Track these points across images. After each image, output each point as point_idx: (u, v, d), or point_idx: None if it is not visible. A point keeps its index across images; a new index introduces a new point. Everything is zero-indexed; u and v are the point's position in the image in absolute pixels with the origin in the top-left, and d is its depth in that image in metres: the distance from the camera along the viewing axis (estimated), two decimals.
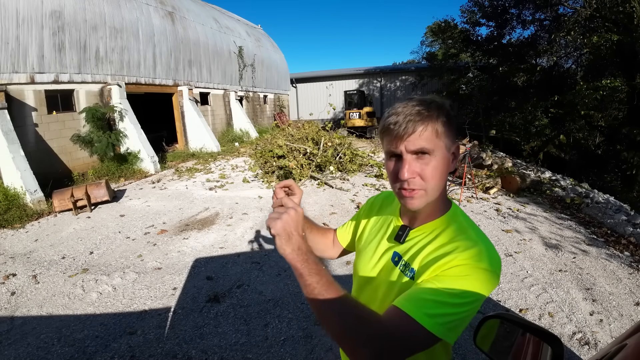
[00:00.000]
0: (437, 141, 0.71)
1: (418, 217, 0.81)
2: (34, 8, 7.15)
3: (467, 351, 2.31)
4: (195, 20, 12.57)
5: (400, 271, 0.78)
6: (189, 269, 3.63)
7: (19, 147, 6.24)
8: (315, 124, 9.70)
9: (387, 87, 21.85)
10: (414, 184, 0.72)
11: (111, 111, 8.52)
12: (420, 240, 0.78)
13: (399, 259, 0.80)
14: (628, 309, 2.79)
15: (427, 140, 0.70)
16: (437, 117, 0.71)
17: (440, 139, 0.72)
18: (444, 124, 0.72)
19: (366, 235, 0.96)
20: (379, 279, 0.84)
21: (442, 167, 0.73)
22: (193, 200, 6.25)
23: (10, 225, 5.14)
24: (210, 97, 13.34)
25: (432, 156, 0.71)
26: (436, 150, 0.71)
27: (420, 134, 0.70)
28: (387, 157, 0.77)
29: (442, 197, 0.79)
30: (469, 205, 5.59)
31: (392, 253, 0.83)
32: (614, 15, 9.71)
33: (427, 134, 0.70)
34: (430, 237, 0.77)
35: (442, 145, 0.72)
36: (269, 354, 2.38)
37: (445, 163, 0.74)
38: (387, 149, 0.75)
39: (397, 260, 0.80)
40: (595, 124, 12.93)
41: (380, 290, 0.83)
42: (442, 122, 0.72)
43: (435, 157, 0.72)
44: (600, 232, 4.42)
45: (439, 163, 0.72)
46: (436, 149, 0.71)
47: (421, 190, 0.73)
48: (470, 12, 14.56)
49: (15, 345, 2.52)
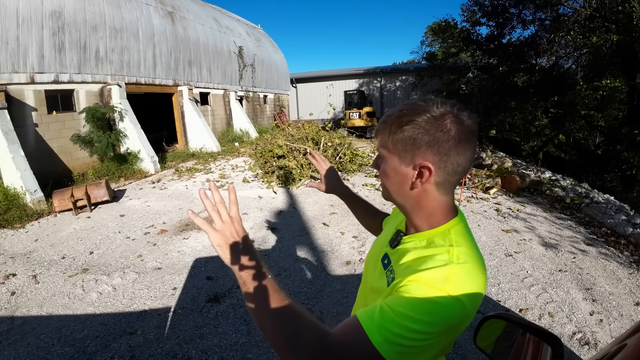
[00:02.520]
0: (390, 150, 0.72)
1: (411, 225, 0.78)
2: (34, 8, 7.15)
3: (467, 351, 2.31)
4: (195, 20, 12.57)
5: (386, 276, 0.76)
6: (189, 269, 3.63)
7: (19, 147, 6.24)
8: (315, 124, 9.69)
9: (387, 87, 21.85)
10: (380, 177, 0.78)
11: (111, 111, 8.52)
12: (408, 249, 0.74)
13: (388, 263, 0.79)
14: (628, 309, 2.79)
15: (381, 145, 0.75)
16: (400, 125, 0.68)
17: (393, 149, 0.71)
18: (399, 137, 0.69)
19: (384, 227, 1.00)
20: (369, 278, 0.87)
21: (392, 175, 0.73)
22: (193, 200, 6.26)
23: (10, 225, 5.14)
24: (210, 97, 13.34)
25: (385, 161, 0.75)
26: (388, 158, 0.73)
27: (380, 139, 0.75)
28: None
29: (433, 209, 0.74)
30: (468, 205, 5.59)
31: (383, 254, 0.83)
32: (614, 15, 9.72)
33: (382, 140, 0.74)
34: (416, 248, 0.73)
35: (395, 156, 0.71)
36: (269, 354, 2.38)
37: (398, 173, 0.71)
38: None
39: (387, 263, 0.79)
40: (595, 124, 12.94)
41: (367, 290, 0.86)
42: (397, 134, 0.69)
43: (387, 163, 0.74)
44: (600, 232, 4.42)
45: (388, 170, 0.74)
46: (388, 157, 0.73)
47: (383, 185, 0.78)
48: (471, 11, 14.56)
49: (15, 345, 2.52)
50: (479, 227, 4.63)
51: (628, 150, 10.54)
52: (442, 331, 0.60)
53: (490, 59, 15.24)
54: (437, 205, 0.74)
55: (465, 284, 0.61)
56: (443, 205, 0.74)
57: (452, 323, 0.60)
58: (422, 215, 0.75)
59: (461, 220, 0.76)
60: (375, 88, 21.98)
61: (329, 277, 3.39)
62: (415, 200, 0.74)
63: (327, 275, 3.44)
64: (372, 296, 0.79)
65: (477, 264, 0.67)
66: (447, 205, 0.75)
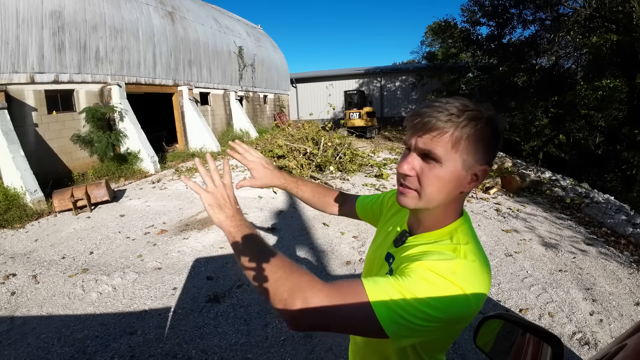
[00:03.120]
0: (451, 152, 0.63)
1: (420, 226, 0.75)
2: (34, 8, 7.15)
3: (467, 351, 2.31)
4: (195, 20, 12.56)
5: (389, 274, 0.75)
6: (189, 269, 3.63)
7: (19, 147, 6.24)
8: (315, 124, 9.70)
9: (387, 87, 21.85)
10: (410, 183, 0.67)
11: (111, 111, 8.52)
12: (413, 247, 0.72)
13: (393, 260, 0.78)
14: (628, 309, 2.79)
15: (438, 145, 0.63)
16: (466, 126, 0.62)
17: (457, 151, 0.63)
18: (471, 137, 0.63)
19: (380, 226, 0.95)
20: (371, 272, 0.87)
21: (448, 181, 0.65)
22: (193, 200, 6.26)
23: (10, 225, 5.14)
24: (210, 97, 13.34)
25: (440, 164, 0.64)
26: (447, 161, 0.64)
27: (435, 137, 0.63)
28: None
29: (449, 211, 0.71)
30: (469, 205, 5.59)
31: (385, 253, 0.82)
32: (614, 15, 9.72)
33: (442, 139, 0.63)
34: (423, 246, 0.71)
35: (458, 159, 0.64)
36: (269, 354, 2.38)
37: (454, 179, 0.65)
38: (404, 139, 0.69)
39: (391, 261, 0.78)
40: (595, 124, 12.94)
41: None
42: (470, 134, 0.63)
43: (443, 167, 0.64)
44: (600, 232, 4.42)
45: (445, 175, 0.64)
46: (447, 160, 0.64)
47: (414, 192, 0.67)
48: (471, 12, 14.56)
49: (15, 345, 2.52)
50: (479, 227, 4.63)
51: (628, 150, 10.54)
52: (444, 319, 0.58)
53: (490, 59, 15.23)
54: (458, 206, 0.72)
55: (471, 280, 0.60)
56: (459, 206, 0.73)
57: (455, 314, 0.59)
58: (439, 216, 0.71)
59: (467, 220, 0.74)
60: (375, 88, 21.98)
61: (329, 277, 3.39)
62: (445, 204, 0.69)
63: (327, 275, 3.44)
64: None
65: (483, 263, 0.65)
66: (461, 206, 0.74)
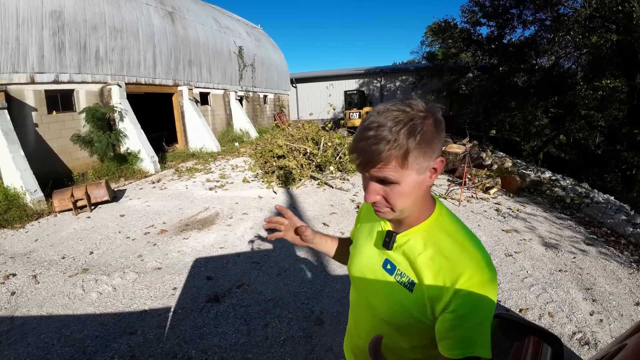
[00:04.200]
0: (403, 171, 0.66)
1: (403, 223, 0.79)
2: (34, 8, 7.15)
3: None
4: (195, 20, 12.56)
5: (397, 281, 0.77)
6: (189, 269, 3.63)
7: (19, 147, 6.24)
8: (315, 124, 9.70)
9: (387, 87, 21.85)
10: (380, 205, 0.71)
11: (111, 111, 8.52)
12: (410, 247, 0.76)
13: (393, 268, 0.79)
14: (628, 309, 2.79)
15: (390, 172, 0.66)
16: (405, 144, 0.64)
17: (408, 167, 0.66)
18: (416, 149, 0.65)
19: (358, 237, 0.96)
20: (371, 284, 0.84)
21: (411, 191, 0.69)
22: (193, 200, 6.25)
23: (10, 225, 5.14)
24: (210, 97, 13.34)
25: (398, 185, 0.68)
26: (403, 178, 0.67)
27: (383, 167, 0.65)
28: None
29: (424, 202, 0.76)
30: (469, 205, 5.59)
31: (383, 260, 0.82)
32: (614, 15, 9.71)
33: (390, 166, 0.65)
34: (419, 244, 0.75)
35: (412, 172, 0.67)
36: (269, 354, 2.38)
37: (416, 186, 0.70)
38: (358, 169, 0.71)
39: (391, 268, 0.79)
40: (595, 124, 12.93)
41: (373, 296, 0.84)
42: (413, 147, 0.65)
43: (402, 185, 0.68)
44: (600, 232, 4.42)
45: (407, 189, 0.68)
46: (403, 178, 0.67)
47: (387, 209, 0.72)
48: (471, 12, 14.55)
49: (15, 345, 2.52)
50: (479, 227, 4.62)
51: (628, 150, 10.53)
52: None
53: (490, 59, 15.23)
54: (429, 196, 0.79)
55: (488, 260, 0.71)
56: (429, 195, 0.79)
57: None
58: (419, 210, 0.76)
59: (440, 204, 0.81)
60: (375, 88, 21.97)
61: (329, 277, 3.39)
62: (420, 200, 0.74)
63: (327, 275, 3.44)
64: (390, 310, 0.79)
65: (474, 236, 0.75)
66: (430, 193, 0.79)
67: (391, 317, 0.78)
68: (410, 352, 0.81)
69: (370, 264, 0.85)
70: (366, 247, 0.89)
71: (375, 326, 0.84)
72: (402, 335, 0.80)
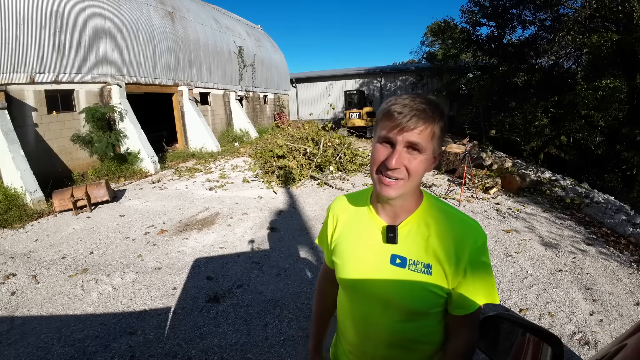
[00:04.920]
0: (430, 142, 0.75)
1: (401, 213, 0.84)
2: (34, 8, 7.15)
3: None
4: (195, 20, 12.56)
5: (412, 271, 0.80)
6: (189, 269, 3.63)
7: (19, 147, 6.24)
8: (315, 124, 9.71)
9: (387, 87, 21.84)
10: (398, 174, 0.76)
11: (111, 111, 8.52)
12: (417, 233, 0.82)
13: (403, 260, 0.81)
14: (628, 309, 2.79)
15: (423, 138, 0.74)
16: (438, 120, 0.76)
17: (432, 141, 0.76)
18: (440, 129, 0.77)
19: (344, 245, 0.92)
20: (383, 284, 0.83)
21: (426, 164, 0.77)
22: (193, 200, 6.25)
23: (10, 225, 5.14)
24: (210, 97, 13.34)
25: (421, 153, 0.75)
26: (427, 149, 0.76)
27: (421, 132, 0.74)
28: (378, 141, 0.78)
29: (418, 190, 0.85)
30: (469, 205, 5.59)
31: (389, 256, 0.83)
32: (614, 15, 9.71)
33: (425, 133, 0.74)
34: (423, 229, 0.82)
35: (432, 147, 0.77)
36: (269, 354, 2.38)
37: (428, 163, 0.78)
38: (382, 134, 0.76)
39: (401, 262, 0.81)
40: (595, 124, 12.92)
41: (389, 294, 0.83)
42: (440, 126, 0.76)
43: (423, 154, 0.76)
44: (600, 232, 4.41)
45: (425, 161, 0.77)
46: (427, 149, 0.76)
47: (401, 181, 0.77)
48: (471, 12, 14.55)
49: (15, 345, 2.52)
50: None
51: (628, 150, 10.51)
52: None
53: (490, 59, 15.23)
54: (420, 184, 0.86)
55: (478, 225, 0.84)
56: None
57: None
58: (413, 196, 0.84)
59: (427, 192, 0.89)
60: (375, 88, 21.97)
61: None
62: (418, 183, 0.81)
63: None
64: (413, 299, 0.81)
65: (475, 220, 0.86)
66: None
67: (414, 305, 0.81)
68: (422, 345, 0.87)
69: (376, 265, 0.84)
70: (362, 251, 0.87)
71: (393, 326, 0.85)
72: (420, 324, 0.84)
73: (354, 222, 0.91)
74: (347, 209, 0.96)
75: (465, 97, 17.93)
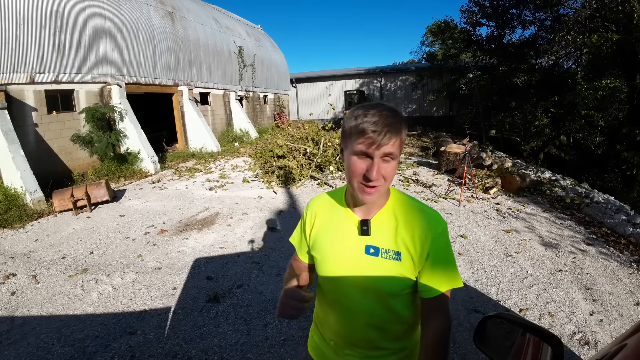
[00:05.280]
0: (399, 149, 0.86)
1: (373, 208, 0.95)
2: (34, 8, 7.14)
3: (467, 351, 2.30)
4: (195, 20, 12.56)
5: (385, 258, 0.91)
6: (189, 269, 3.63)
7: (19, 147, 6.24)
8: (315, 124, 9.71)
9: (387, 87, 21.84)
10: (378, 182, 0.84)
11: (111, 111, 8.52)
12: (386, 226, 0.93)
13: (376, 250, 0.92)
14: (628, 309, 2.79)
15: (395, 147, 0.84)
16: (404, 128, 0.85)
17: (401, 147, 0.86)
18: (405, 135, 0.87)
19: (322, 241, 1.01)
20: (361, 272, 0.93)
21: (395, 168, 0.87)
22: (193, 200, 6.25)
23: (10, 225, 5.14)
24: (210, 97, 13.34)
25: (394, 160, 0.85)
26: (397, 155, 0.86)
27: (393, 143, 0.83)
28: (354, 154, 0.85)
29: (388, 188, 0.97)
30: (469, 205, 5.59)
31: (363, 247, 0.93)
32: (614, 15, 9.71)
33: (397, 143, 0.84)
34: (392, 220, 0.93)
35: (400, 151, 0.88)
36: (269, 354, 2.38)
37: (397, 166, 0.89)
38: (360, 149, 0.83)
39: (374, 251, 0.92)
40: (595, 124, 12.92)
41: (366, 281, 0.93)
42: (405, 133, 0.86)
43: (395, 160, 0.85)
44: (600, 232, 4.42)
45: (395, 165, 0.86)
46: (397, 155, 0.86)
47: (380, 187, 0.86)
48: (471, 12, 14.54)
49: (15, 345, 2.52)
50: (479, 227, 4.62)
51: (628, 150, 10.51)
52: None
53: (490, 59, 15.22)
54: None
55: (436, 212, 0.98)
56: None
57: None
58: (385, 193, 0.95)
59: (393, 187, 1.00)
60: (375, 88, 21.97)
61: None
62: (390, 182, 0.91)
63: None
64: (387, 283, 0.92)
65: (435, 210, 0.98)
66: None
67: (388, 288, 0.92)
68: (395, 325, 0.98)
69: (353, 256, 0.94)
70: (340, 244, 0.96)
71: (372, 309, 0.95)
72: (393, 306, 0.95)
73: (332, 219, 1.00)
74: (324, 207, 1.04)
75: (465, 97, 17.93)
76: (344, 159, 0.90)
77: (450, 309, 0.90)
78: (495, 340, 0.87)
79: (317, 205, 1.06)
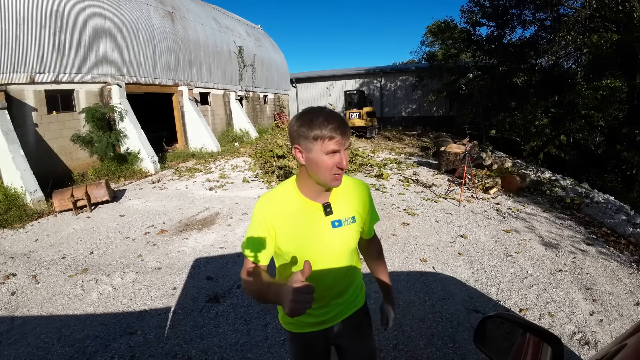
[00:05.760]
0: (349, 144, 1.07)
1: (328, 192, 1.13)
2: (34, 8, 7.14)
3: (467, 351, 2.30)
4: (195, 20, 12.56)
5: (346, 225, 1.15)
6: (189, 269, 3.63)
7: (19, 147, 6.24)
8: None
9: (387, 87, 21.84)
10: (345, 167, 1.04)
11: (111, 111, 8.52)
12: (340, 201, 1.16)
13: (339, 221, 1.14)
14: (628, 309, 2.79)
15: (347, 141, 1.04)
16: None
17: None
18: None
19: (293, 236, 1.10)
20: (333, 243, 1.13)
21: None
22: (193, 200, 6.25)
23: (10, 225, 5.14)
24: (210, 97, 13.34)
25: (348, 149, 1.07)
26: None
27: (349, 137, 1.05)
28: (325, 154, 1.01)
29: None
30: (469, 205, 5.59)
31: (329, 223, 1.12)
32: (614, 15, 9.71)
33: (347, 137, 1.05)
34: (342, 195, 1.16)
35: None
36: (269, 354, 2.38)
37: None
38: (331, 149, 1.00)
39: (339, 224, 1.14)
40: (595, 124, 12.92)
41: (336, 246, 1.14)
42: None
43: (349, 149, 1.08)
44: (600, 232, 4.42)
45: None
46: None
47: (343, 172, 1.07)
48: (471, 12, 14.54)
49: (15, 345, 2.52)
50: (479, 227, 4.62)
51: (628, 150, 10.50)
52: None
53: (490, 59, 15.22)
54: None
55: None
56: None
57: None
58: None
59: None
60: (375, 88, 21.97)
61: None
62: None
63: None
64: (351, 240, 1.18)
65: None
66: None
67: (352, 245, 1.18)
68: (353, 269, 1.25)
69: (325, 233, 1.12)
70: (313, 230, 1.11)
71: (345, 264, 1.19)
72: (352, 256, 1.22)
73: (293, 213, 1.11)
74: (278, 206, 1.12)
75: (465, 97, 17.93)
76: (307, 158, 1.03)
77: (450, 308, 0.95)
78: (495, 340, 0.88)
79: (267, 209, 1.11)
